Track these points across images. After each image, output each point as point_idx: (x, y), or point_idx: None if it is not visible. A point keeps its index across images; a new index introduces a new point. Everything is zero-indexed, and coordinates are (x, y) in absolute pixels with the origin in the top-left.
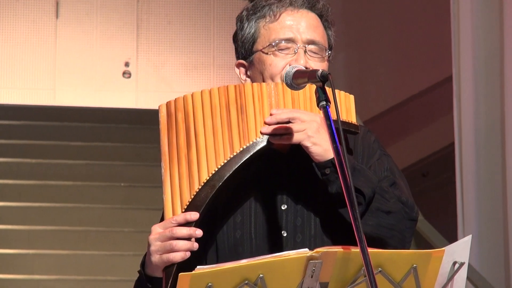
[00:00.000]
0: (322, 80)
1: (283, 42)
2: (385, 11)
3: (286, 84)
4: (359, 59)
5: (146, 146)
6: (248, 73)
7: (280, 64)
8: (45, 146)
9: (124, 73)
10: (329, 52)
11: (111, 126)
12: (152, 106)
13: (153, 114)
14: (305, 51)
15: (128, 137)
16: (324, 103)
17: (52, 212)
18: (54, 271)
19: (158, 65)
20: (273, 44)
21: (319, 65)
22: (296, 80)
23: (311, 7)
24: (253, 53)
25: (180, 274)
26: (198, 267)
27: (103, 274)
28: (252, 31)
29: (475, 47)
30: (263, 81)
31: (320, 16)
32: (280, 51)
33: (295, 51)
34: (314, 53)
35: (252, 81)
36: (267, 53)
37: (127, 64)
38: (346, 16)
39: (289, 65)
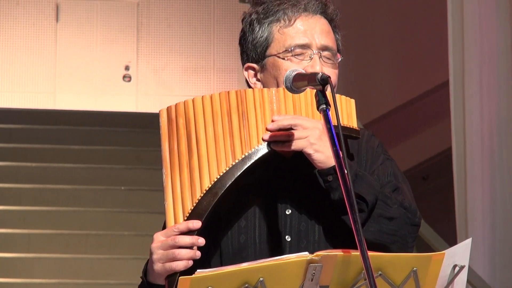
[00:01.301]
0: (321, 84)
1: (298, 48)
2: (385, 14)
3: (286, 87)
4: (359, 62)
5: (146, 149)
6: (259, 76)
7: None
8: (45, 150)
9: (124, 76)
10: (341, 57)
11: (111, 130)
12: (152, 109)
13: (153, 118)
14: (320, 57)
15: (128, 141)
16: (324, 106)
17: (52, 215)
18: (54, 275)
19: (158, 68)
20: (290, 49)
21: (332, 71)
22: (296, 83)
23: (324, 12)
24: (266, 57)
25: (180, 277)
26: (198, 270)
27: (103, 277)
28: (265, 35)
29: (477, 50)
30: (277, 85)
31: (331, 21)
32: (295, 56)
33: (310, 57)
34: (328, 59)
35: (264, 85)
36: (283, 59)
37: (127, 68)
38: (346, 19)
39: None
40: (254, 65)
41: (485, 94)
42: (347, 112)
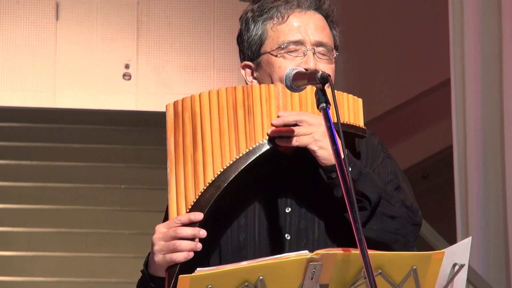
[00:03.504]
0: (322, 82)
1: (291, 44)
2: (385, 13)
3: (286, 86)
4: (359, 61)
5: (146, 148)
6: (255, 74)
7: (290, 66)
8: (45, 148)
9: (124, 75)
10: (336, 53)
11: (111, 128)
12: (152, 108)
13: (153, 116)
14: (313, 53)
15: (128, 139)
16: (324, 105)
17: (52, 214)
18: (54, 273)
19: (158, 67)
20: (282, 46)
21: (327, 67)
22: (296, 82)
23: (318, 8)
24: (261, 55)
25: (180, 276)
26: (198, 269)
27: (104, 276)
28: (259, 32)
29: (478, 49)
30: (272, 83)
31: (326, 16)
32: (289, 53)
33: (304, 53)
34: (323, 54)
35: (259, 82)
36: (276, 56)
37: (127, 66)
38: (346, 18)
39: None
40: (250, 64)
41: (485, 93)
42: (354, 110)
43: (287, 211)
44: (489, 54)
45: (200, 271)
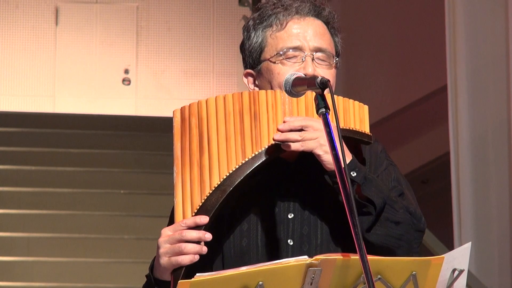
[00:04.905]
0: (321, 87)
1: (290, 50)
2: (384, 17)
3: (286, 91)
4: (358, 67)
5: (145, 153)
6: (257, 82)
7: (288, 72)
8: (45, 153)
9: (123, 80)
10: (337, 59)
11: (111, 133)
12: (152, 113)
13: (152, 121)
14: (312, 59)
15: (127, 144)
16: (323, 110)
17: (52, 219)
18: (54, 278)
19: (158, 72)
20: (281, 53)
21: (327, 72)
22: (295, 87)
23: (317, 15)
24: (261, 62)
25: (179, 281)
26: (197, 274)
27: (103, 281)
28: (259, 40)
29: (470, 55)
30: (272, 89)
31: (327, 23)
32: (287, 59)
33: (302, 59)
34: (322, 60)
35: (260, 90)
36: (274, 62)
37: (126, 71)
38: (345, 22)
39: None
40: (252, 71)
41: (474, 102)
42: (359, 117)
43: (289, 216)
44: (484, 60)
45: (199, 276)
